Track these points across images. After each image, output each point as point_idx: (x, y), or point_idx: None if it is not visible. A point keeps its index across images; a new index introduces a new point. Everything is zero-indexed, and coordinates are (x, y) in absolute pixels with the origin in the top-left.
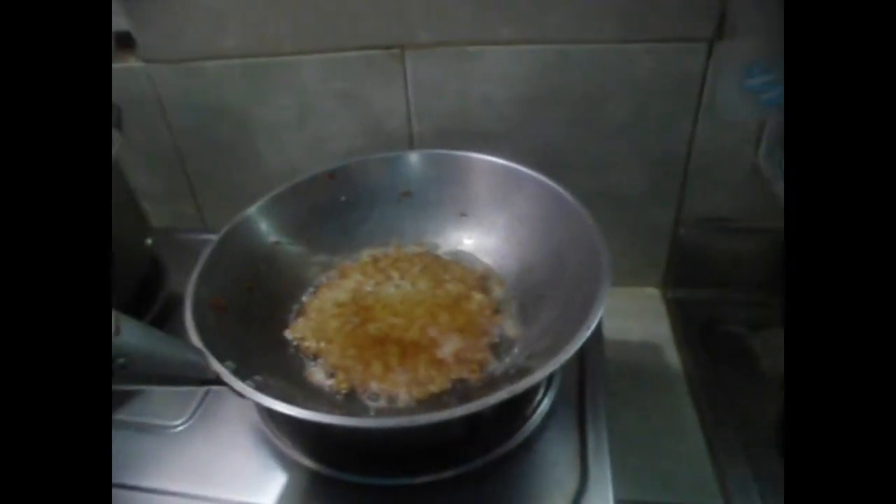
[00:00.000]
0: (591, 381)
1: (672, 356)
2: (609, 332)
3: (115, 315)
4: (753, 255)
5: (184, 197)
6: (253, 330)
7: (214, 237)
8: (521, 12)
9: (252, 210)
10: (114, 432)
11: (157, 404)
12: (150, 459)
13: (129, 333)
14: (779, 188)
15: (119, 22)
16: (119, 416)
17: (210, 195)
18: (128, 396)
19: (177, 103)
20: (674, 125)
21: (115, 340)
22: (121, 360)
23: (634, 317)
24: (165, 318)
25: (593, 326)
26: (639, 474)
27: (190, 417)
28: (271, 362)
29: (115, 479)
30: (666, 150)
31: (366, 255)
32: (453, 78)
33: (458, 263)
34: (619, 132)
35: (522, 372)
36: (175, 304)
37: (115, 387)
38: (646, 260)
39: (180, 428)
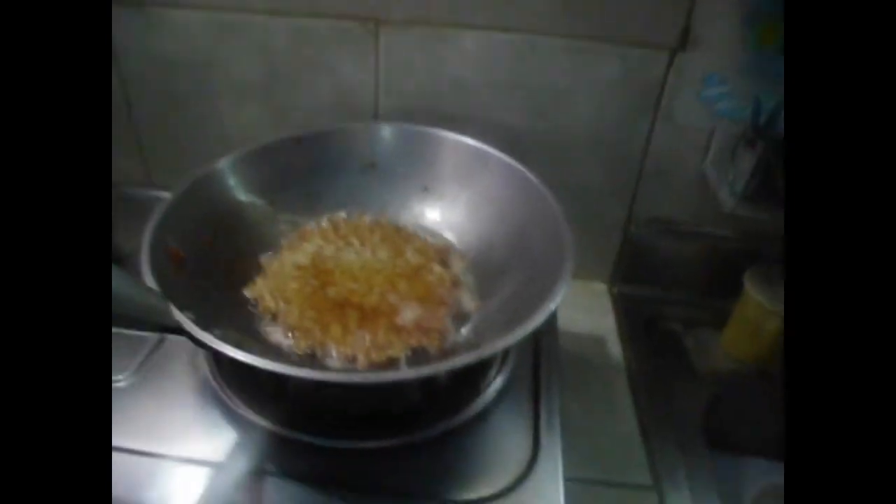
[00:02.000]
0: (545, 361)
1: (615, 349)
2: (560, 322)
3: None
4: (693, 257)
5: (129, 152)
6: (211, 285)
7: (165, 193)
8: None
9: (221, 164)
10: None
11: None
12: None
13: None
14: (722, 194)
15: None
16: None
17: (160, 153)
18: None
19: (132, 52)
20: (632, 126)
21: None
22: None
23: (583, 309)
24: None
25: (557, 302)
26: (581, 455)
27: (135, 372)
28: (229, 318)
29: None
30: (623, 150)
31: (327, 220)
32: (425, 57)
33: (419, 235)
34: (580, 126)
35: (480, 342)
36: (119, 258)
37: None
38: (597, 255)
39: (123, 383)
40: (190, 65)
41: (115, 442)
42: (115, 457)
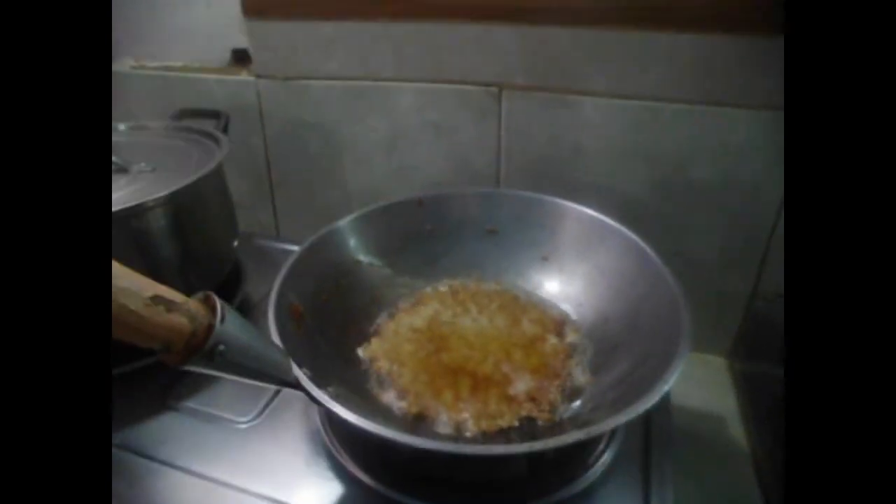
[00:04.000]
0: (656, 440)
1: (737, 429)
2: (673, 397)
3: (221, 304)
4: None
5: (264, 205)
6: (326, 342)
7: (293, 246)
8: (621, 66)
9: (342, 223)
10: (184, 419)
11: (226, 399)
12: (215, 451)
13: (231, 323)
14: None
15: (239, 39)
16: (190, 404)
17: (288, 207)
18: (199, 387)
19: (275, 116)
20: (760, 193)
21: (220, 327)
22: (220, 347)
23: (699, 384)
24: None
25: (671, 382)
26: None
27: (257, 416)
28: (342, 376)
29: (181, 464)
30: (749, 218)
31: (445, 285)
32: (546, 123)
33: (536, 306)
34: (703, 195)
35: (590, 418)
36: (249, 307)
37: (210, 371)
38: (715, 328)
39: (245, 425)
40: (322, 127)
41: (230, 480)
42: (228, 493)
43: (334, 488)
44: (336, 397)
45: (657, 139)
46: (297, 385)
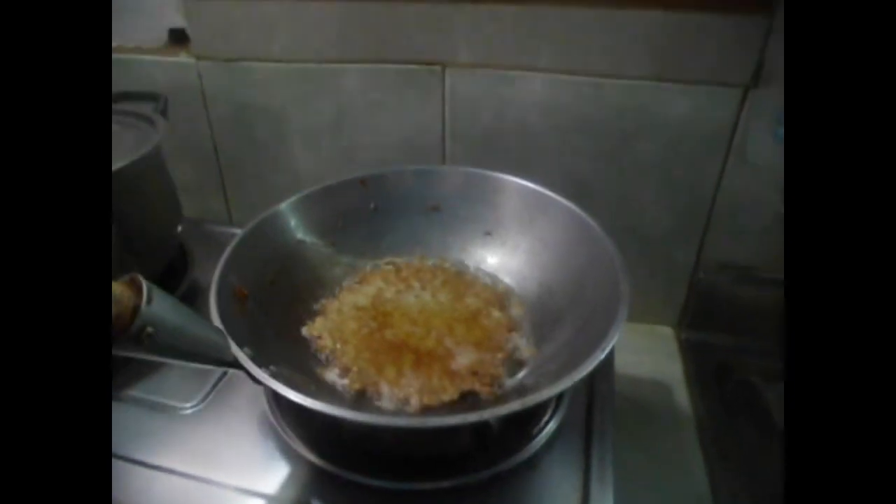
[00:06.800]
0: (598, 408)
1: (682, 397)
2: (620, 367)
3: (147, 285)
4: (773, 305)
5: (214, 190)
6: (271, 323)
7: (241, 230)
8: (562, 42)
9: (283, 206)
10: (127, 408)
11: (170, 386)
12: (160, 438)
13: (159, 304)
14: None
15: (175, 19)
16: (133, 392)
17: (239, 191)
18: (143, 375)
19: (219, 99)
20: (702, 168)
21: (146, 309)
22: (149, 329)
23: (646, 354)
24: (187, 303)
25: (608, 349)
26: None
27: (201, 401)
28: (286, 355)
29: (124, 453)
30: (692, 193)
31: (389, 263)
32: (490, 100)
33: (480, 280)
34: (646, 170)
35: (532, 389)
36: (197, 292)
37: (142, 356)
38: (663, 299)
39: (190, 411)
40: (268, 111)
41: (177, 467)
42: (174, 481)
43: (282, 469)
44: (276, 375)
45: (602, 114)
46: (236, 364)
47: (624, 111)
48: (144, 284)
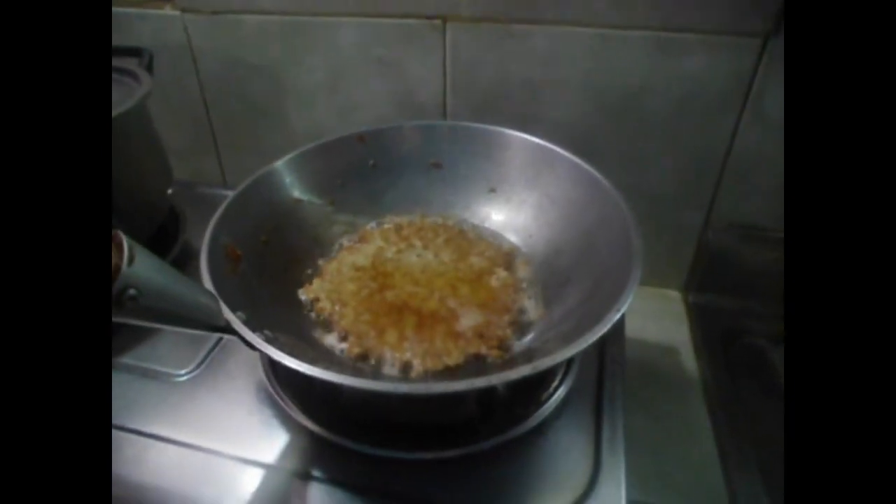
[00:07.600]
0: (609, 373)
1: (689, 361)
2: (627, 331)
3: (129, 244)
4: (782, 266)
5: (207, 152)
6: (266, 284)
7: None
8: None
9: (279, 164)
10: (119, 376)
11: (164, 352)
12: (154, 406)
13: (142, 264)
14: None
15: None
16: (125, 359)
17: (233, 153)
18: (135, 341)
19: (209, 55)
20: (714, 125)
21: (127, 270)
22: (132, 292)
23: (653, 317)
24: (178, 268)
25: (622, 310)
26: (647, 476)
27: (196, 368)
28: (282, 319)
29: (117, 422)
30: (703, 150)
31: (390, 221)
32: (493, 55)
33: (484, 239)
34: (655, 127)
35: (542, 352)
36: (189, 256)
37: (124, 320)
38: (670, 261)
39: (185, 377)
40: (261, 68)
41: (172, 435)
42: (168, 449)
43: (280, 438)
44: (272, 341)
45: (610, 68)
46: (228, 329)
47: (632, 65)
48: (125, 242)
